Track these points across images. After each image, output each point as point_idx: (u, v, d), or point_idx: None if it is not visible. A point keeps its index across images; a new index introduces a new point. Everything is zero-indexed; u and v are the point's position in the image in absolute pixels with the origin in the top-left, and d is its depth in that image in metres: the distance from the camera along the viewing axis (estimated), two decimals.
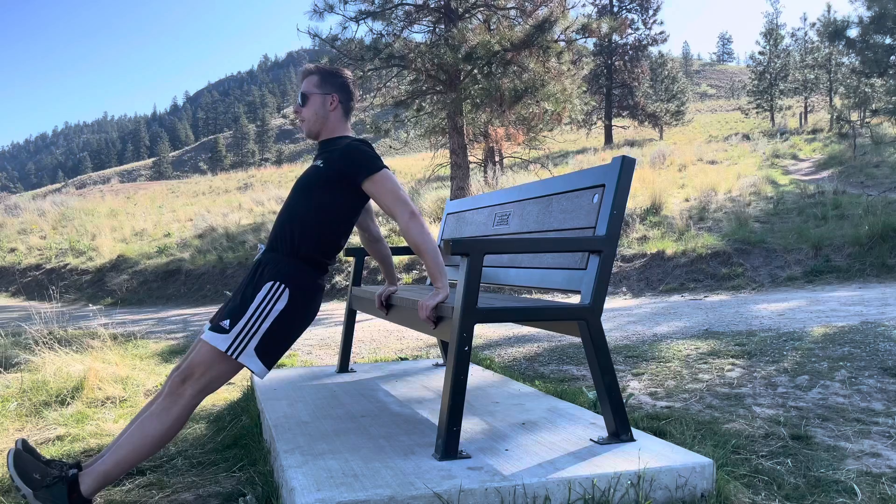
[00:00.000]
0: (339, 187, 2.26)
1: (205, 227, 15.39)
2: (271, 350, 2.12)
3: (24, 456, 1.97)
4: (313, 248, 2.24)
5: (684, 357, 4.08)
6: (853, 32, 14.75)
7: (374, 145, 2.42)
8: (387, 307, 2.75)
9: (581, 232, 2.25)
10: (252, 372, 2.10)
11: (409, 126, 14.37)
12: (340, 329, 5.17)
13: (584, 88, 14.10)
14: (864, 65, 15.59)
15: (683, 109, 41.56)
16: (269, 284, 2.13)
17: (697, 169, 15.66)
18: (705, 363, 3.88)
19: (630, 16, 35.20)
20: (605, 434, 2.21)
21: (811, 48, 36.76)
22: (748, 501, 1.97)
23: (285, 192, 19.93)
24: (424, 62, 11.57)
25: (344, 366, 3.65)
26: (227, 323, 2.08)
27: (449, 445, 1.99)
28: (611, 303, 7.57)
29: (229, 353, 2.05)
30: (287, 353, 5.11)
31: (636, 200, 11.31)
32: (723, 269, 8.40)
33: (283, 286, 2.13)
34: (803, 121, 35.37)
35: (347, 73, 2.46)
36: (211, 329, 2.09)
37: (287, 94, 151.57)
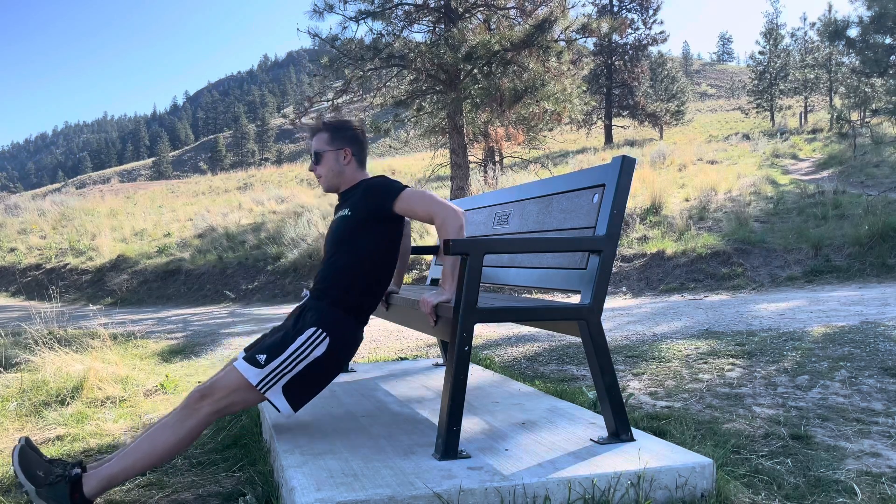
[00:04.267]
0: (374, 225, 2.30)
1: (205, 226, 15.39)
2: (299, 392, 2.16)
3: (30, 453, 1.98)
4: (359, 296, 2.29)
5: (684, 357, 4.08)
6: (853, 32, 14.76)
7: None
8: (386, 305, 2.77)
9: (581, 232, 2.25)
10: (276, 408, 2.13)
11: (409, 126, 14.37)
12: None
13: (584, 88, 14.10)
14: (864, 65, 15.59)
15: (683, 109, 41.56)
16: (311, 330, 2.17)
17: (697, 169, 15.66)
18: (705, 363, 3.88)
19: (630, 16, 35.18)
20: (605, 434, 2.21)
21: (811, 48, 36.80)
22: (748, 501, 1.97)
23: (285, 192, 19.93)
24: (424, 62, 11.56)
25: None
26: (263, 357, 2.12)
27: (449, 445, 1.99)
28: (611, 303, 7.57)
29: (258, 386, 2.09)
30: None
31: (636, 200, 11.31)
32: (723, 268, 8.40)
33: (324, 334, 2.18)
34: (803, 121, 35.36)
35: (356, 122, 2.51)
36: (245, 359, 2.13)
37: (287, 93, 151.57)
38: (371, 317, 2.46)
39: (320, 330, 2.17)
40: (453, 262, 2.21)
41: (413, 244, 2.84)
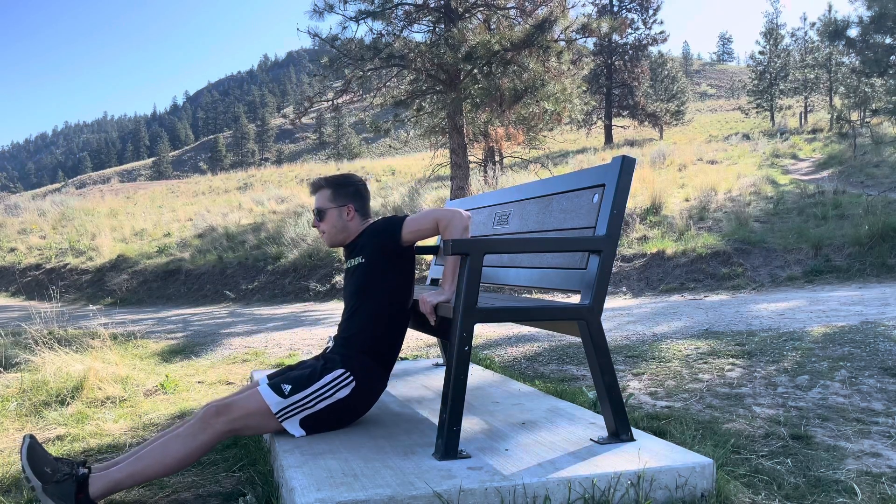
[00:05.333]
0: (388, 263, 2.35)
1: (205, 226, 15.39)
2: (315, 427, 2.22)
3: (38, 449, 1.99)
4: (384, 344, 2.34)
5: (684, 357, 4.08)
6: (853, 32, 14.75)
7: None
8: None
9: (581, 232, 2.25)
10: (289, 433, 2.20)
11: (409, 126, 14.38)
12: None
13: (584, 88, 14.10)
14: (864, 64, 15.59)
15: (683, 109, 41.60)
16: (339, 371, 2.22)
17: (697, 169, 15.66)
18: (705, 363, 3.88)
19: (630, 16, 35.19)
20: (605, 434, 2.21)
21: (811, 48, 36.79)
22: (748, 501, 1.97)
23: (285, 192, 19.92)
24: (424, 62, 11.56)
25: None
26: (288, 388, 2.16)
27: (449, 445, 1.99)
28: (611, 303, 7.57)
29: (277, 415, 2.15)
30: (287, 353, 5.11)
31: (636, 200, 11.30)
32: (723, 268, 8.40)
33: (351, 377, 2.22)
34: (803, 120, 35.37)
35: (356, 177, 2.55)
36: (270, 385, 2.17)
37: (287, 93, 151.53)
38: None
39: (348, 372, 2.22)
40: (453, 262, 2.22)
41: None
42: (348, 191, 2.47)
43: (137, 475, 2.00)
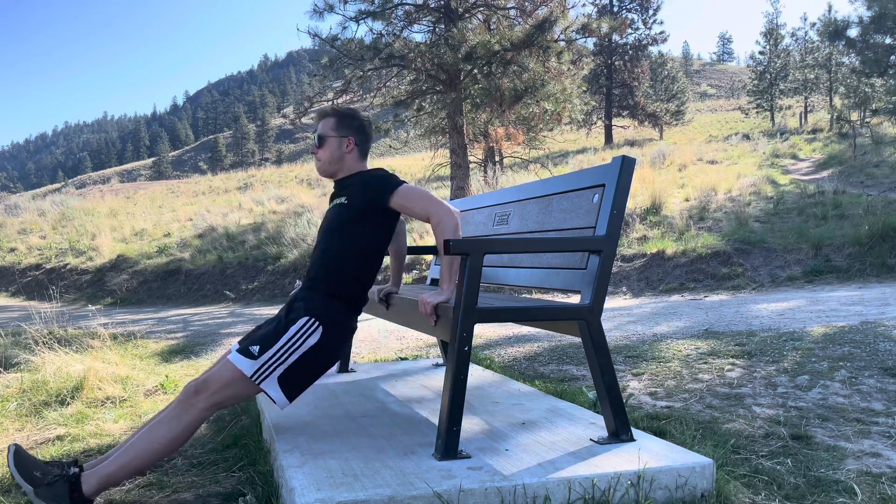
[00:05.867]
0: (369, 217, 2.30)
1: (205, 226, 15.39)
2: (294, 382, 2.15)
3: (25, 454, 1.98)
4: (351, 285, 2.29)
5: (684, 357, 4.07)
6: (853, 32, 14.75)
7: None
8: (386, 305, 2.77)
9: (581, 232, 2.25)
10: (272, 399, 2.12)
11: (409, 126, 14.38)
12: None
13: (584, 88, 14.11)
14: (864, 65, 15.59)
15: (683, 109, 41.60)
16: (303, 319, 2.16)
17: (697, 169, 15.65)
18: (705, 363, 3.88)
19: (630, 16, 35.19)
20: (605, 434, 2.21)
21: (811, 48, 36.79)
22: (748, 501, 1.97)
23: (285, 192, 19.92)
24: (424, 62, 11.57)
25: (344, 366, 3.65)
26: (256, 349, 2.11)
27: (449, 445, 1.99)
28: (611, 303, 7.57)
29: (253, 378, 2.08)
30: None
31: (636, 200, 11.30)
32: (723, 268, 8.40)
33: (317, 323, 2.17)
34: (803, 121, 35.37)
35: (364, 114, 2.50)
36: (239, 351, 2.12)
37: (287, 93, 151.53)
38: (371, 317, 2.47)
39: (313, 319, 2.16)
40: (450, 262, 2.21)
41: (412, 244, 2.87)
42: (353, 123, 2.44)
43: (128, 466, 1.98)
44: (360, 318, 2.99)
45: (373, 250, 2.33)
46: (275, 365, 2.10)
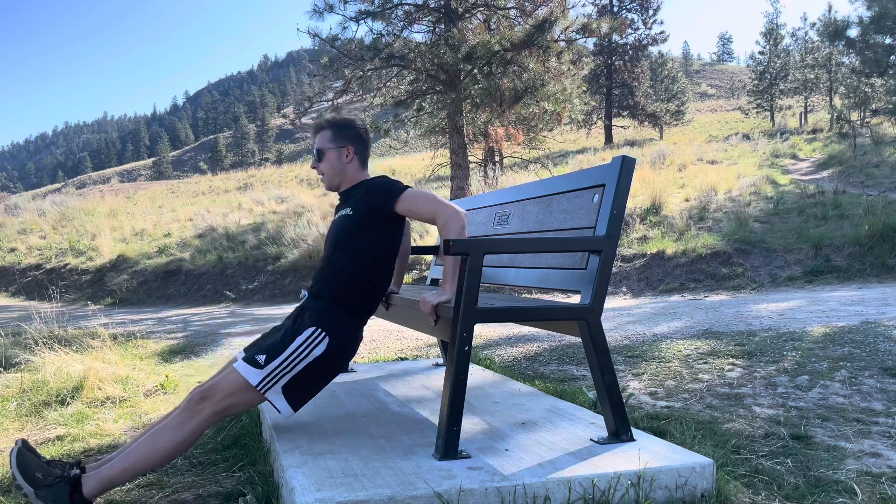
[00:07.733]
0: (375, 225, 2.30)
1: (205, 226, 15.39)
2: (299, 392, 2.16)
3: (27, 455, 1.98)
4: (359, 295, 2.29)
5: (684, 357, 4.08)
6: (853, 32, 14.76)
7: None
8: (386, 305, 2.77)
9: (581, 232, 2.25)
10: (276, 409, 2.13)
11: (409, 126, 14.37)
12: None
13: (584, 88, 14.10)
14: (864, 65, 15.60)
15: (683, 109, 41.56)
16: (310, 329, 2.16)
17: (697, 169, 15.65)
18: (705, 363, 3.88)
19: (630, 16, 35.19)
20: (605, 434, 2.21)
21: (811, 48, 36.75)
22: (748, 501, 1.97)
23: (285, 192, 19.92)
24: (424, 62, 11.57)
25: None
26: (262, 358, 2.11)
27: (449, 445, 1.99)
28: (611, 303, 7.57)
29: (258, 387, 2.09)
30: None
31: (636, 200, 11.31)
32: (723, 269, 8.40)
33: (323, 334, 2.17)
34: (803, 121, 35.35)
35: (359, 121, 2.50)
36: (245, 359, 2.13)
37: (287, 93, 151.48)
38: (371, 317, 2.46)
39: (319, 329, 2.16)
40: (453, 262, 2.21)
41: (413, 244, 2.86)
42: (349, 133, 2.44)
43: (130, 470, 1.99)
44: None
45: (380, 259, 2.33)
46: (280, 375, 2.11)
